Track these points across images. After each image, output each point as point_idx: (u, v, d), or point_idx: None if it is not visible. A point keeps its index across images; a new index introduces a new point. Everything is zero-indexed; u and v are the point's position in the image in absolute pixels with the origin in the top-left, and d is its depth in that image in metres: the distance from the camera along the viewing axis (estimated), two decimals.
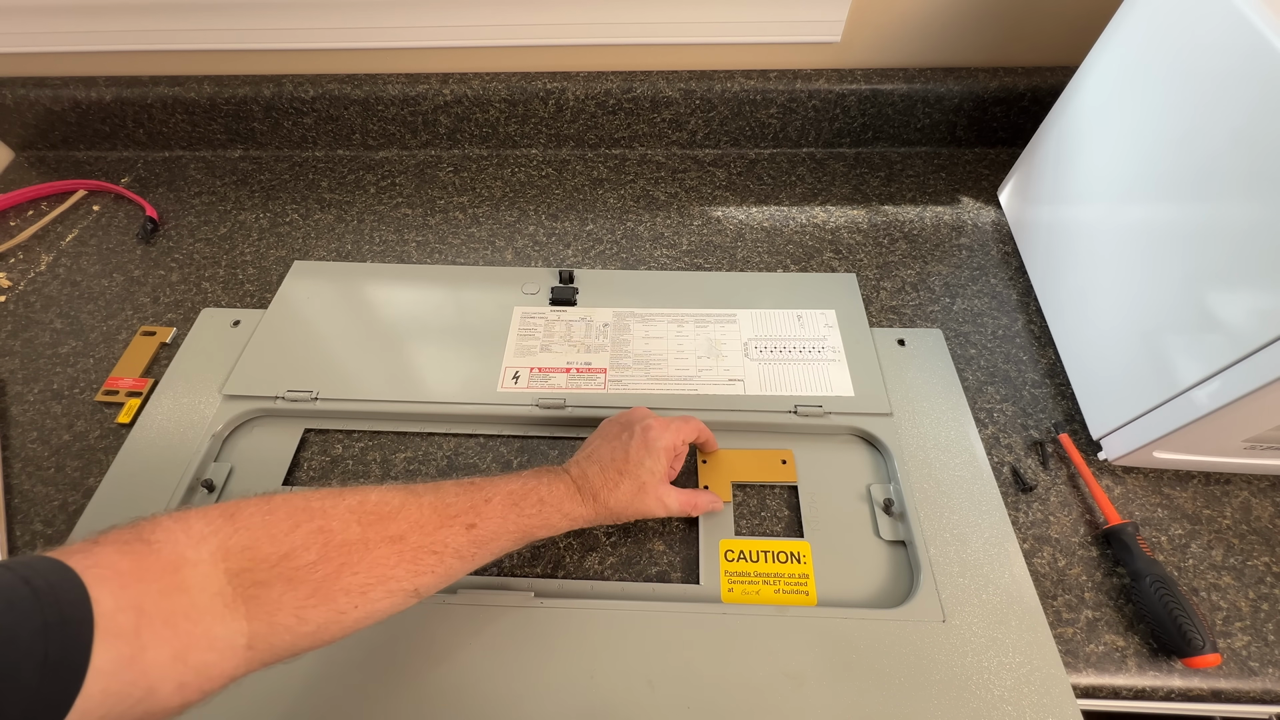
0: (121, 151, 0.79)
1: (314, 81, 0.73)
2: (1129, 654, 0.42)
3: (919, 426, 0.51)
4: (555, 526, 0.40)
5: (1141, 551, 0.44)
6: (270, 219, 0.71)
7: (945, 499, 0.48)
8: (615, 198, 0.73)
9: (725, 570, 0.45)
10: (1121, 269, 0.49)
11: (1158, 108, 0.47)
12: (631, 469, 0.42)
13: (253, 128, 0.77)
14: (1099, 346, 0.51)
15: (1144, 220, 0.47)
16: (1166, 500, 0.49)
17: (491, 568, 0.46)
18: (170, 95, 0.73)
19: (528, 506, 0.39)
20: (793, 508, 0.49)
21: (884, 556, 0.46)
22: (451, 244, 0.68)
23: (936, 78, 0.72)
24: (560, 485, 0.41)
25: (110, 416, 0.54)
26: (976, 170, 0.74)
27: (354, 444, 0.53)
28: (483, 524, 0.37)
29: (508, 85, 0.72)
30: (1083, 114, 0.55)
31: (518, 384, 0.54)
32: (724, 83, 0.72)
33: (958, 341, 0.58)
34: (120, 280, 0.65)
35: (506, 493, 0.39)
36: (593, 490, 0.41)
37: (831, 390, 0.53)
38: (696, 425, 0.47)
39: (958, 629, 0.42)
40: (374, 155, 0.78)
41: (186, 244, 0.69)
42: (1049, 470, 0.50)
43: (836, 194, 0.72)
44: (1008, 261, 0.65)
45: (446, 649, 0.41)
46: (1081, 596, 0.44)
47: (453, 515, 0.36)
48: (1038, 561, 0.46)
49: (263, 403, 0.53)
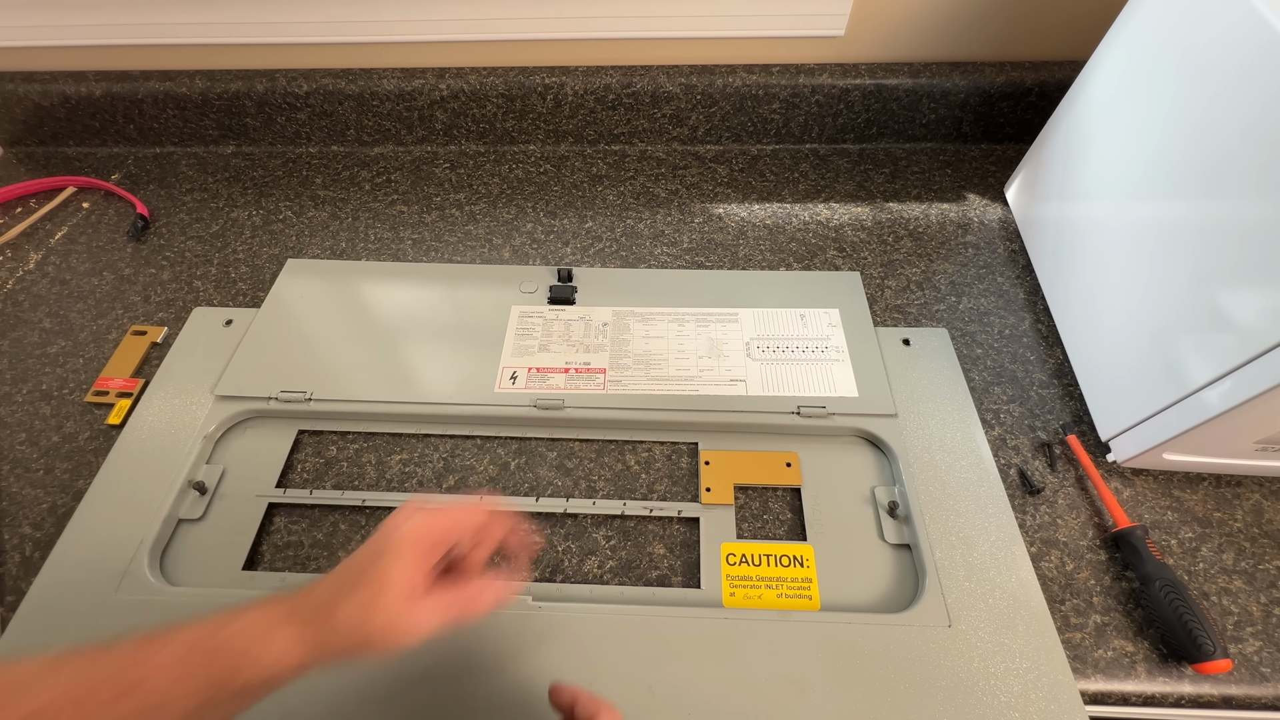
0: (111, 148, 0.79)
1: (308, 76, 0.73)
2: (1138, 659, 0.42)
3: (924, 428, 0.51)
4: (261, 672, 0.29)
5: (1151, 555, 0.44)
6: (263, 216, 0.71)
7: (951, 502, 0.47)
8: (615, 194, 0.73)
9: (727, 574, 0.45)
10: (1131, 267, 0.49)
11: (1168, 103, 0.47)
12: (365, 574, 0.31)
13: (245, 123, 0.76)
14: (1108, 346, 0.51)
15: (1154, 217, 0.47)
16: (1177, 503, 0.49)
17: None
18: (161, 90, 0.73)
19: (216, 649, 0.29)
20: (795, 510, 0.49)
21: (888, 560, 0.46)
22: (448, 242, 0.68)
23: (942, 72, 0.72)
24: (266, 612, 0.30)
25: (100, 418, 0.54)
26: (983, 166, 0.74)
27: (349, 446, 0.53)
28: (144, 689, 0.27)
29: (505, 80, 0.72)
30: (1091, 109, 0.55)
31: (515, 384, 0.54)
32: (725, 77, 0.72)
33: (964, 341, 0.58)
34: (110, 279, 0.65)
35: (190, 637, 0.29)
36: (314, 610, 0.30)
37: (835, 391, 0.53)
38: (482, 513, 0.35)
39: (964, 634, 0.42)
40: (369, 151, 0.78)
41: (178, 242, 0.69)
42: (1057, 472, 0.50)
43: (840, 191, 0.72)
44: (1015, 259, 0.65)
45: (439, 654, 0.41)
46: (1090, 601, 0.44)
47: (100, 682, 0.27)
48: (1045, 565, 0.46)
49: (255, 404, 0.53)
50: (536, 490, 0.50)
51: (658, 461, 0.52)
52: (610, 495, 0.50)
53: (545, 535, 0.48)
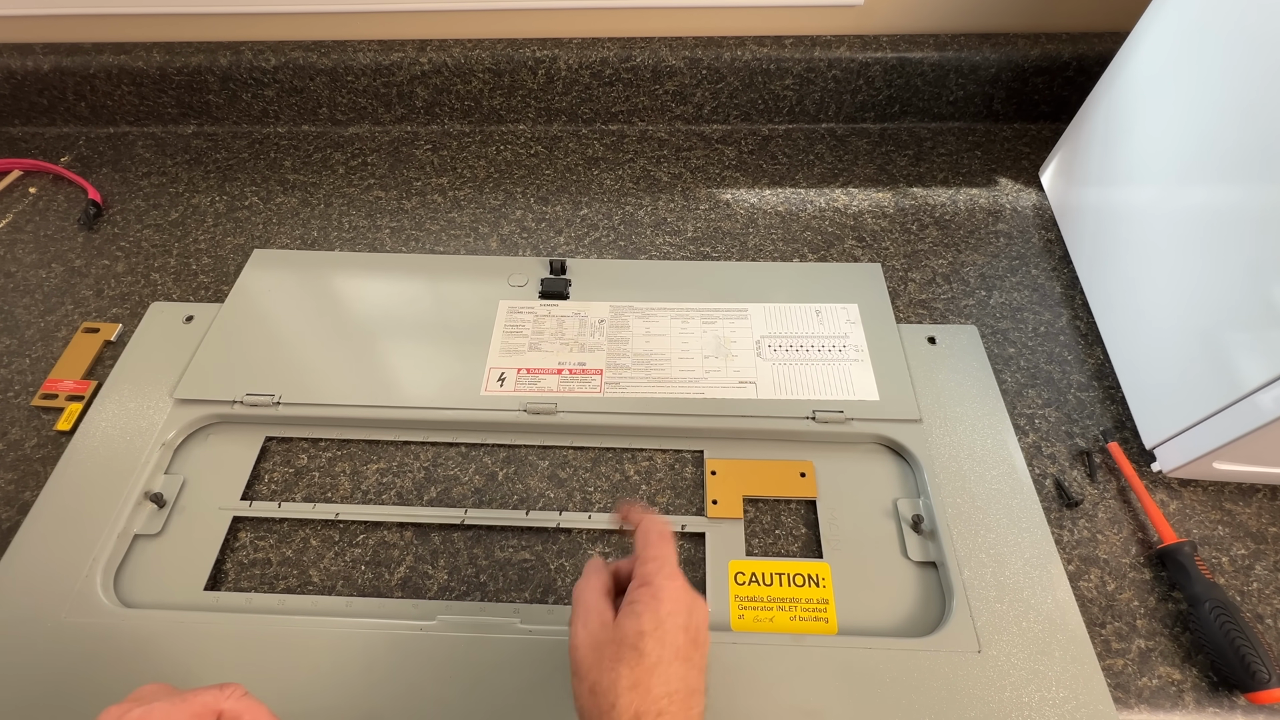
0: (61, 127, 0.79)
1: (276, 49, 0.73)
2: (1186, 688, 0.42)
3: (952, 434, 0.51)
4: None
5: (1200, 574, 0.44)
6: (227, 203, 0.71)
7: (981, 515, 0.47)
8: (612, 179, 0.73)
9: (735, 595, 0.45)
10: (1178, 258, 0.49)
11: (1219, 77, 0.47)
12: None
13: (208, 101, 0.76)
14: (1153, 345, 0.51)
15: (1204, 203, 0.47)
16: (1228, 517, 0.49)
17: (475, 592, 0.46)
18: (115, 64, 0.73)
19: None
20: (810, 525, 0.49)
21: (912, 579, 0.46)
22: (429, 230, 0.68)
23: (971, 45, 0.72)
24: None
25: (48, 423, 0.54)
26: (1016, 148, 0.74)
27: (321, 454, 0.53)
28: None
29: (493, 53, 0.72)
30: (1135, 85, 0.55)
31: (503, 387, 0.54)
32: (734, 51, 0.72)
33: (995, 339, 0.58)
34: (59, 271, 0.65)
35: None
36: None
37: (854, 394, 0.53)
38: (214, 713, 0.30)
39: (994, 660, 0.42)
40: (343, 131, 0.78)
41: (134, 230, 0.69)
42: (1097, 483, 0.50)
43: (859, 175, 0.72)
44: (1050, 250, 0.65)
45: (421, 682, 0.41)
46: (1133, 624, 0.44)
47: None
48: (1084, 585, 0.46)
49: (219, 408, 0.53)
50: (527, 503, 0.50)
51: (659, 471, 0.52)
52: (607, 508, 0.50)
53: (535, 553, 0.48)
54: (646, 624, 0.32)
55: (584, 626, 0.33)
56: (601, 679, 0.31)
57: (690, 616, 0.33)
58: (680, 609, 0.33)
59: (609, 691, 0.31)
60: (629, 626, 0.32)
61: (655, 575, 0.34)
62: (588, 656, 0.32)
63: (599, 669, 0.32)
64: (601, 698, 0.31)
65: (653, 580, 0.34)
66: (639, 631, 0.32)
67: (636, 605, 0.33)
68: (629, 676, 0.31)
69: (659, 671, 0.31)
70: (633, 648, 0.31)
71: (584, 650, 0.33)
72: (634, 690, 0.30)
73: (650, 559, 0.35)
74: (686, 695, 0.31)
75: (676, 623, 0.33)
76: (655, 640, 0.32)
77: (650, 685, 0.31)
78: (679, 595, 0.34)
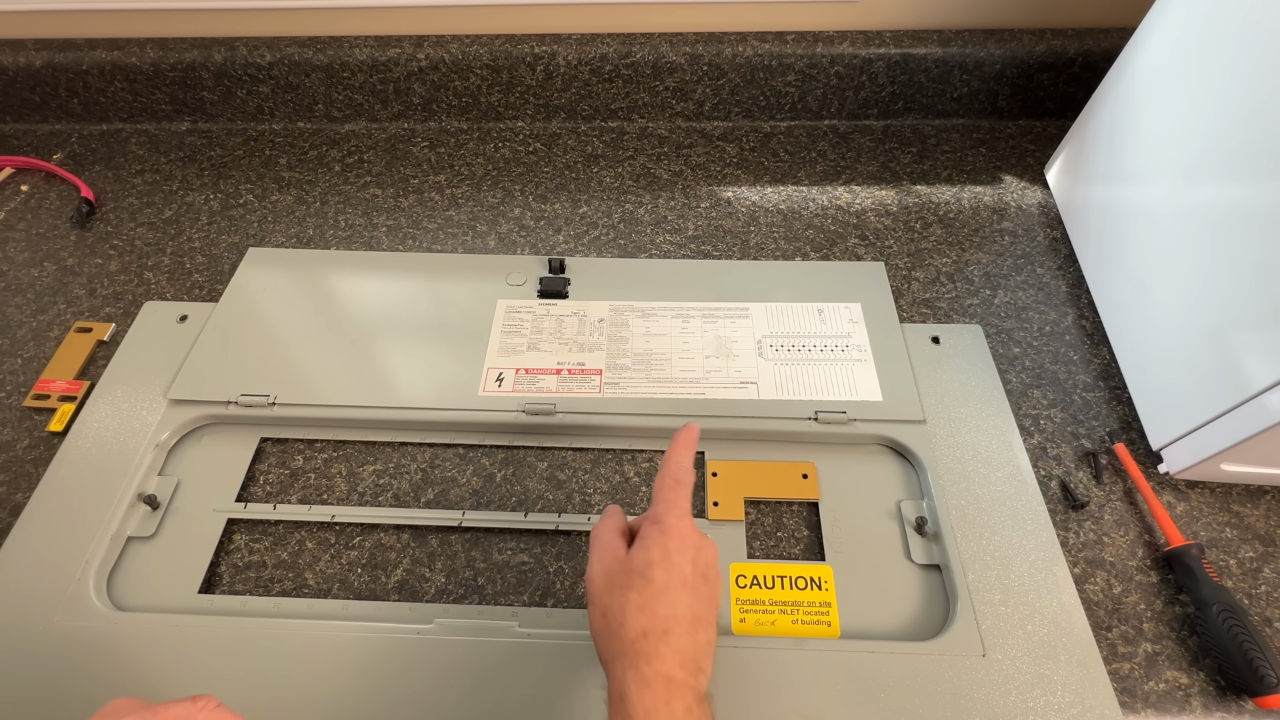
0: (53, 124, 0.79)
1: (271, 45, 0.73)
2: (1194, 693, 0.42)
3: (956, 435, 0.51)
4: None
5: (1208, 577, 0.44)
6: (221, 201, 0.71)
7: (985, 517, 0.47)
8: (612, 176, 0.73)
9: (736, 598, 0.45)
10: (1186, 257, 0.49)
11: (1227, 74, 0.46)
12: None
13: (202, 97, 0.76)
14: (1160, 344, 0.51)
15: (1212, 202, 0.47)
16: (1236, 519, 0.49)
17: (473, 595, 0.46)
18: (108, 60, 0.73)
19: None
20: (813, 527, 0.49)
21: (916, 582, 0.46)
22: (427, 229, 0.68)
23: (975, 40, 0.72)
24: None
25: (40, 424, 0.54)
26: (1021, 145, 0.74)
27: (316, 455, 0.53)
28: None
29: (490, 49, 0.72)
30: (1141, 81, 0.55)
31: (501, 387, 0.54)
32: (735, 46, 0.72)
33: (1000, 339, 0.58)
34: (52, 270, 0.65)
35: None
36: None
37: (857, 394, 0.53)
38: None
39: (999, 664, 0.42)
40: (339, 129, 0.78)
41: (127, 229, 0.68)
42: (1103, 485, 0.50)
43: (862, 172, 0.72)
44: (1056, 248, 0.64)
45: (418, 687, 0.41)
46: (1140, 628, 0.44)
47: None
48: (1090, 588, 0.46)
49: (213, 408, 0.53)
50: (525, 505, 0.50)
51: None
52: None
53: (534, 555, 0.48)
54: (655, 555, 0.35)
55: (599, 560, 0.36)
56: (612, 603, 0.34)
57: (699, 553, 0.36)
58: (688, 545, 0.36)
59: (619, 612, 0.34)
60: (639, 557, 0.35)
61: (665, 515, 0.36)
62: (600, 585, 0.35)
63: (610, 594, 0.35)
64: (611, 618, 0.34)
65: (663, 519, 0.36)
66: (648, 561, 0.35)
67: (646, 540, 0.36)
68: (636, 600, 0.34)
69: (665, 596, 0.34)
70: (641, 575, 0.34)
71: (598, 580, 0.36)
72: (641, 612, 0.33)
73: (662, 500, 0.37)
74: (693, 621, 0.34)
75: (685, 556, 0.35)
76: (663, 569, 0.34)
77: (656, 607, 0.33)
78: (687, 533, 0.36)
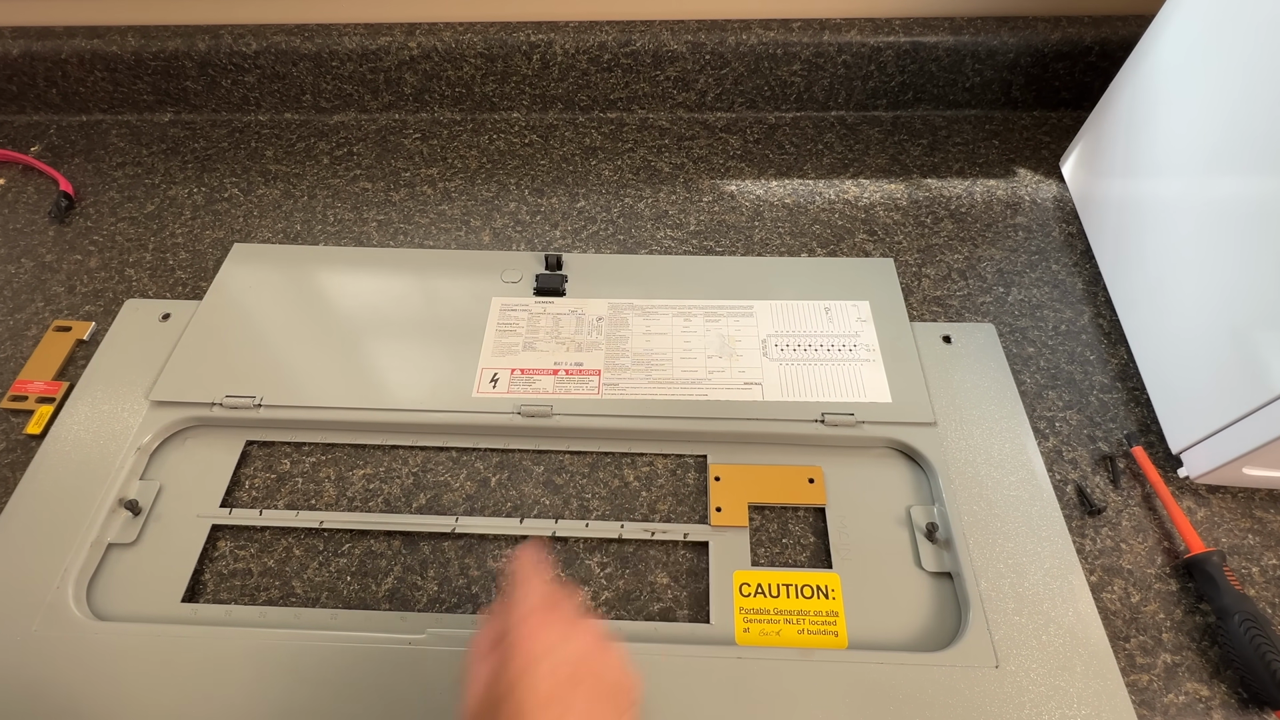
0: (31, 115, 0.79)
1: (257, 33, 0.73)
2: (1214, 705, 0.42)
3: (968, 438, 0.51)
4: None
5: (1229, 585, 0.44)
6: (206, 194, 0.71)
7: (999, 523, 0.47)
8: (611, 169, 0.73)
9: (740, 607, 0.45)
10: (1207, 253, 0.49)
11: (1251, 62, 0.46)
12: None
13: (185, 87, 0.76)
14: (1179, 344, 0.51)
15: (1234, 196, 0.47)
16: (1259, 525, 0.49)
17: (467, 604, 0.46)
18: (88, 49, 0.73)
19: None
20: (819, 534, 0.49)
21: (926, 591, 0.46)
22: (419, 224, 0.68)
23: (988, 28, 0.72)
24: None
25: (18, 426, 0.54)
26: (1035, 137, 0.74)
27: (304, 458, 0.53)
28: None
29: (485, 37, 0.72)
30: (1160, 71, 0.55)
31: (496, 388, 0.54)
32: (738, 34, 0.72)
33: (1013, 338, 0.58)
34: (29, 266, 0.65)
35: None
36: None
37: (865, 395, 0.53)
38: None
39: (1013, 675, 0.42)
40: (327, 120, 0.78)
41: (107, 224, 0.69)
42: (1120, 490, 0.50)
43: (871, 165, 0.72)
44: (1072, 244, 0.65)
45: (410, 699, 0.41)
46: (1159, 638, 0.44)
47: None
48: (1107, 596, 0.46)
49: (197, 410, 0.53)
50: (521, 510, 0.50)
51: (660, 477, 0.52)
52: (606, 516, 0.50)
53: None
54: (501, 689, 0.30)
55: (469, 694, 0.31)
56: None
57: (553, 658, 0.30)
58: (536, 658, 0.30)
59: None
60: (492, 693, 0.30)
61: (513, 628, 0.32)
62: None
63: None
64: None
65: (509, 634, 0.31)
66: (496, 698, 0.29)
67: (495, 669, 0.31)
68: None
69: None
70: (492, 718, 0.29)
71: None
72: None
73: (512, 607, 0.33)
74: None
75: (536, 673, 0.30)
76: (510, 705, 0.29)
77: None
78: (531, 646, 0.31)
